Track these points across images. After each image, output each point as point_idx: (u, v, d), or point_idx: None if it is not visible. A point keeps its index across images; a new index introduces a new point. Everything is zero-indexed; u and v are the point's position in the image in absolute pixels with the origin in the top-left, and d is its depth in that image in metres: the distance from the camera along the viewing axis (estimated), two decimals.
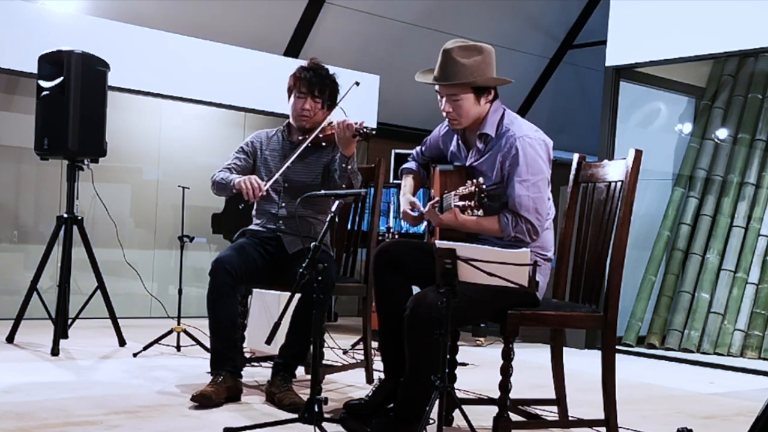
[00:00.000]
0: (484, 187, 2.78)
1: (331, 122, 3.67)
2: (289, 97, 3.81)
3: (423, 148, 3.38)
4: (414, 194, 3.29)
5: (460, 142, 3.19)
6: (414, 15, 7.77)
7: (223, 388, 3.44)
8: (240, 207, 3.78)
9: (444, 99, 3.06)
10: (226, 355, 3.54)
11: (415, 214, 3.17)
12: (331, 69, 3.86)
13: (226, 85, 6.56)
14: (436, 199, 3.04)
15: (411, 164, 3.40)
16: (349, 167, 3.58)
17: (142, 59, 6.11)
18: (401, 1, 7.64)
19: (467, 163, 3.11)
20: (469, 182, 2.81)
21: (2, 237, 6.27)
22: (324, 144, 3.74)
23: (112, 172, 6.39)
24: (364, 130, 3.47)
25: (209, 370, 3.57)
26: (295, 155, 3.67)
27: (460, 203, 2.82)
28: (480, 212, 2.80)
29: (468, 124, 3.09)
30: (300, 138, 3.77)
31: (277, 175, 3.68)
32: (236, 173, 3.77)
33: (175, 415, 3.23)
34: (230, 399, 3.48)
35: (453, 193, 2.88)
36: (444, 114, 3.09)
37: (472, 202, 2.79)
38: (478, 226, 2.98)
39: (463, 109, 3.04)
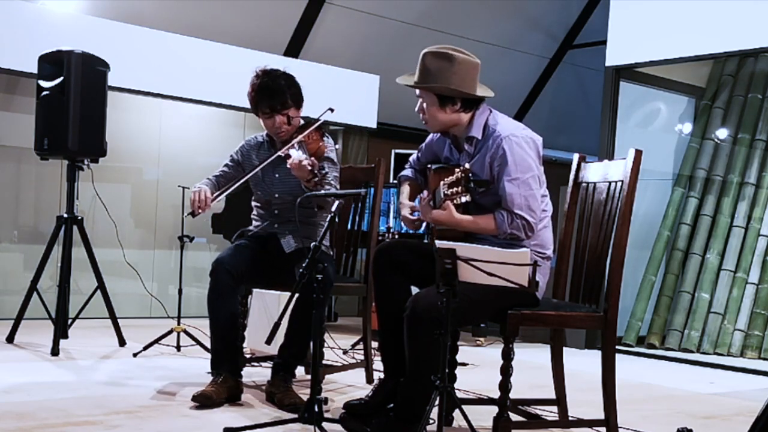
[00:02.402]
0: (470, 174, 2.80)
1: (296, 143, 3.53)
2: (257, 115, 3.73)
3: (419, 154, 3.39)
4: (412, 200, 3.30)
5: (452, 146, 3.20)
6: (414, 15, 7.77)
7: (223, 388, 3.44)
8: (184, 215, 3.75)
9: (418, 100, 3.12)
10: (226, 355, 3.54)
11: (415, 217, 3.17)
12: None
13: (226, 85, 6.55)
14: (430, 195, 3.05)
15: (407, 171, 3.41)
16: (313, 195, 3.44)
17: (142, 59, 6.11)
18: (401, 1, 7.64)
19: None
20: (456, 169, 2.83)
21: (2, 237, 6.27)
22: None
23: (112, 172, 6.39)
24: (317, 172, 3.31)
25: (209, 370, 3.57)
26: (262, 165, 3.63)
27: (449, 191, 2.83)
28: (467, 197, 2.81)
29: (438, 129, 3.13)
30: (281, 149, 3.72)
31: (229, 190, 3.64)
32: (223, 181, 3.79)
33: (175, 415, 3.24)
34: (230, 399, 3.48)
35: (442, 183, 2.91)
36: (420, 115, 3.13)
37: (459, 187, 2.81)
38: (473, 225, 2.98)
39: (428, 114, 3.09)
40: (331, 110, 3.59)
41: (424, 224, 3.26)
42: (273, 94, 3.61)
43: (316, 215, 3.77)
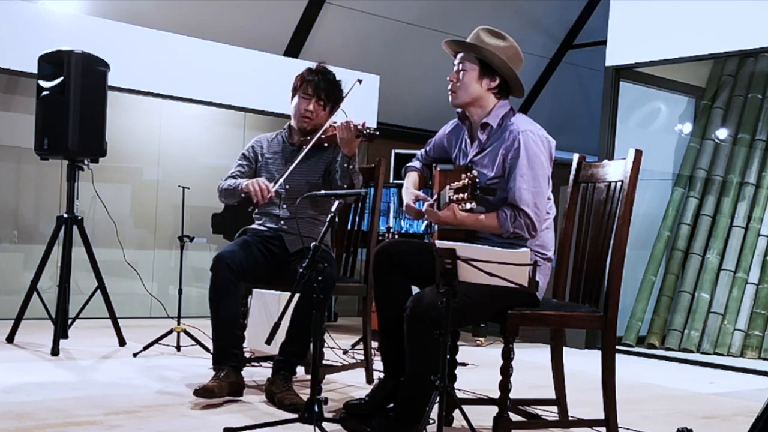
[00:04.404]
0: (477, 180, 2.80)
1: (334, 123, 3.67)
2: (293, 96, 3.82)
3: (428, 149, 3.39)
4: (417, 190, 3.29)
5: (466, 137, 3.19)
6: (414, 15, 7.78)
7: (225, 383, 3.45)
8: (249, 210, 3.77)
9: (454, 68, 3.12)
10: (229, 350, 3.55)
11: (420, 207, 3.16)
12: (331, 69, 3.86)
13: (226, 85, 6.56)
14: (435, 197, 3.05)
15: (415, 163, 3.40)
16: (351, 167, 3.58)
17: (142, 59, 6.11)
18: (401, 1, 7.64)
19: (469, 157, 3.12)
20: (463, 175, 2.83)
21: (2, 237, 6.27)
22: (326, 144, 3.74)
23: (112, 172, 6.39)
24: (367, 130, 3.47)
25: (212, 366, 3.58)
26: (300, 158, 3.67)
27: (454, 196, 2.84)
28: (473, 204, 2.82)
29: (463, 101, 3.11)
30: (301, 139, 3.78)
31: (284, 176, 3.68)
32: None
33: (175, 415, 3.24)
34: (232, 394, 3.49)
35: (448, 187, 2.90)
36: (449, 85, 3.13)
37: (465, 194, 2.81)
38: (477, 223, 2.98)
39: (463, 81, 3.08)
40: (359, 81, 3.73)
41: (424, 222, 3.26)
42: (322, 83, 3.77)
43: (325, 213, 3.78)
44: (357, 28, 7.60)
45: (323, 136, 3.69)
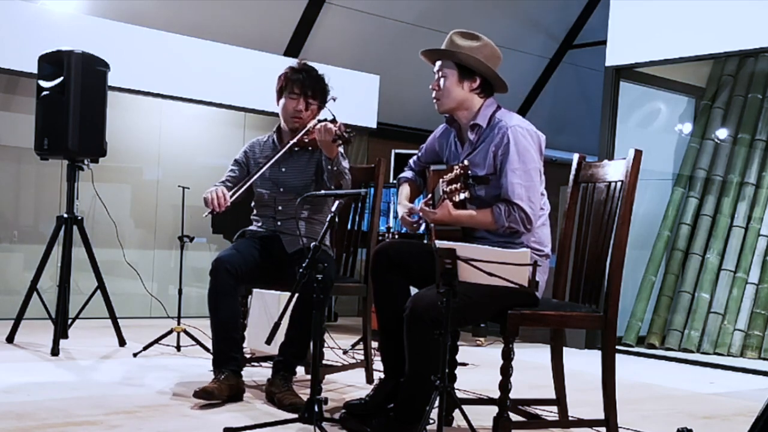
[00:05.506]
0: (468, 171, 2.80)
1: (314, 125, 3.63)
2: (279, 98, 3.81)
3: (420, 155, 3.40)
4: (411, 201, 3.30)
5: (456, 139, 3.20)
6: (414, 15, 7.78)
7: (225, 386, 3.45)
8: (203, 216, 3.75)
9: (435, 76, 3.13)
10: (228, 354, 3.55)
11: (414, 219, 3.17)
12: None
13: (226, 85, 6.56)
14: (429, 196, 3.06)
15: (407, 173, 3.41)
16: (335, 168, 3.54)
17: (142, 59, 6.11)
18: (401, 1, 7.64)
19: (461, 158, 3.12)
20: (455, 166, 2.83)
21: (2, 237, 6.27)
22: (310, 148, 3.73)
23: (112, 172, 6.39)
24: (344, 134, 3.41)
25: (212, 368, 3.57)
26: (274, 159, 3.68)
27: (448, 188, 2.84)
28: (466, 194, 2.82)
29: (448, 107, 3.12)
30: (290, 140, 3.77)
31: (249, 182, 3.68)
32: (231, 185, 3.80)
33: (175, 415, 3.24)
34: (232, 398, 3.48)
35: (441, 180, 2.91)
36: (432, 93, 3.14)
37: (458, 184, 2.81)
38: (471, 219, 2.98)
39: (444, 87, 3.09)
40: (333, 99, 3.73)
41: (423, 225, 3.26)
42: (309, 79, 3.76)
43: (321, 213, 3.79)
44: (357, 28, 7.60)
45: (306, 139, 3.67)
